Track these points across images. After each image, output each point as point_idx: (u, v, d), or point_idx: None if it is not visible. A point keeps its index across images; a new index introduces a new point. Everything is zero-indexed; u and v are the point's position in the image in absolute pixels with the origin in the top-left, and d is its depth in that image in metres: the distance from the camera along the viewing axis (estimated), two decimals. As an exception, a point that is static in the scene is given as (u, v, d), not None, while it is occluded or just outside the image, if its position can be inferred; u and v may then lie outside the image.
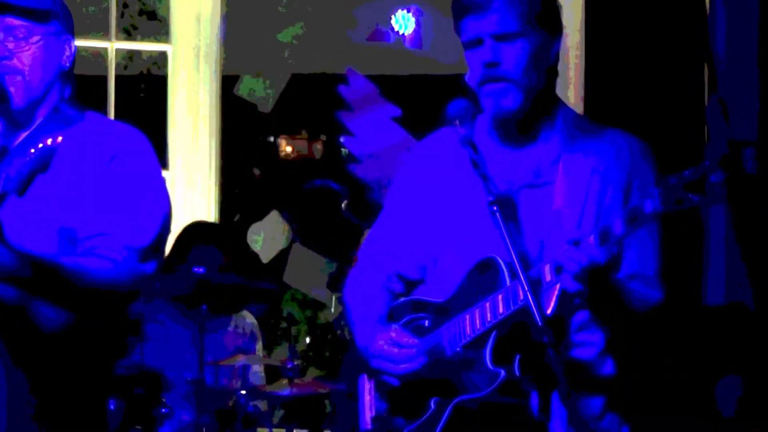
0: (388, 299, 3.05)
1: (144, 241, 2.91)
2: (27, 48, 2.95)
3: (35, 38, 2.96)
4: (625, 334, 2.86)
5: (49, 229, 2.87)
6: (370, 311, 3.03)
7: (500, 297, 2.72)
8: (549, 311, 2.69)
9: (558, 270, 2.62)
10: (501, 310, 2.71)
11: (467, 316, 2.78)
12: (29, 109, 2.97)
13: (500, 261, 2.73)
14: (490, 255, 2.77)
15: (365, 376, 3.03)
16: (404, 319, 2.96)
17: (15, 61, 2.94)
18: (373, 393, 3.01)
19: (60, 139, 2.66)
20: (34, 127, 2.99)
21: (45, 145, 2.66)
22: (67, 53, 3.03)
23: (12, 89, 2.93)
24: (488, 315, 2.73)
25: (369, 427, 2.96)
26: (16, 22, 2.95)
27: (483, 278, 2.79)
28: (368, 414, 2.99)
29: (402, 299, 3.02)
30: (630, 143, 2.87)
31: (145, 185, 2.95)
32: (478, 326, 2.75)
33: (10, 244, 2.76)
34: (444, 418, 2.78)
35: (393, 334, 2.90)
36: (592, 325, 2.82)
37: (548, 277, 2.65)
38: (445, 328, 2.84)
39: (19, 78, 2.94)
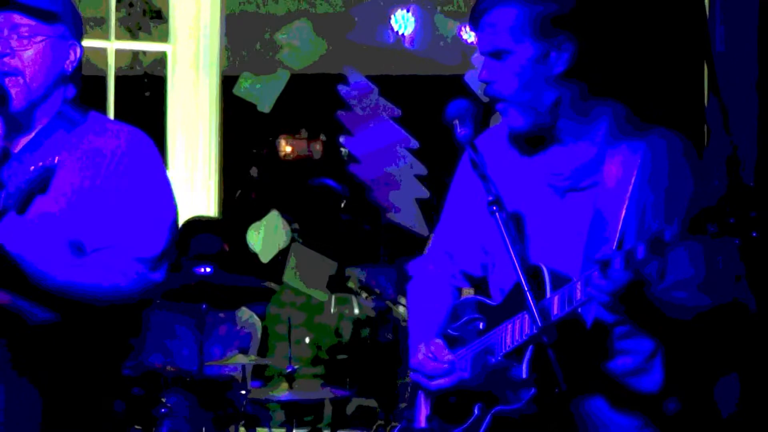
0: (453, 299, 3.09)
1: (155, 251, 2.91)
2: (30, 47, 2.93)
3: (39, 38, 2.94)
4: (671, 344, 2.85)
5: (58, 240, 2.84)
6: (432, 317, 3.08)
7: (527, 315, 2.72)
8: (588, 325, 2.71)
9: (586, 293, 2.62)
10: (527, 329, 2.74)
11: (509, 326, 2.81)
12: (29, 110, 2.95)
13: (545, 270, 2.74)
14: (537, 263, 2.78)
15: None
16: (465, 318, 3.00)
17: (16, 59, 2.92)
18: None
19: (57, 159, 2.65)
20: (36, 130, 2.97)
21: (44, 164, 2.64)
22: (72, 58, 3.00)
23: (12, 91, 2.91)
24: (526, 327, 2.75)
25: (424, 425, 3.01)
26: (22, 19, 2.93)
27: (531, 286, 2.77)
28: (423, 413, 3.03)
29: (465, 297, 3.07)
30: (674, 141, 2.84)
31: (153, 193, 2.94)
32: (516, 337, 2.78)
33: (20, 260, 2.75)
34: (485, 423, 2.82)
35: (432, 348, 2.94)
36: (637, 333, 2.81)
37: (579, 296, 2.65)
38: (490, 335, 2.88)
39: (20, 80, 2.91)
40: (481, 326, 2.94)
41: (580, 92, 2.86)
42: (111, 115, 5.73)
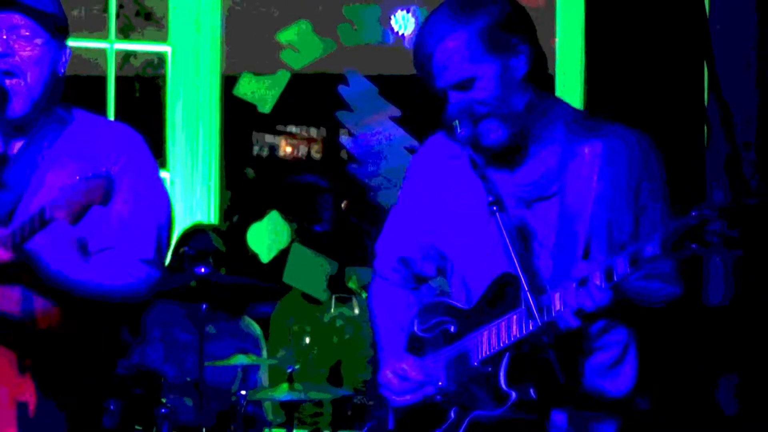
0: (416, 304, 3.06)
1: (156, 251, 2.93)
2: (30, 48, 2.92)
3: (39, 40, 2.93)
4: (647, 334, 2.86)
5: (66, 239, 2.83)
6: (392, 327, 3.06)
7: (515, 317, 2.72)
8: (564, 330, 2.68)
9: (565, 305, 2.62)
10: (515, 331, 2.72)
11: (485, 332, 2.79)
12: (30, 114, 2.93)
13: (520, 276, 2.70)
14: (508, 270, 2.75)
15: None
16: (433, 321, 2.97)
17: (17, 58, 2.90)
18: None
19: (105, 169, 2.64)
20: (31, 131, 2.96)
21: (96, 174, 2.62)
22: (64, 59, 3.00)
23: (13, 93, 2.89)
24: (504, 334, 2.74)
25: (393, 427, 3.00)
26: (23, 20, 2.92)
27: (504, 293, 2.78)
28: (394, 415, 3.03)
29: (432, 300, 3.03)
30: (633, 139, 2.82)
31: (150, 192, 2.95)
32: (494, 344, 2.76)
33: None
34: (462, 428, 2.80)
35: (404, 366, 2.92)
36: (611, 327, 2.81)
37: (557, 307, 2.64)
38: (465, 340, 2.85)
39: (21, 82, 2.90)
40: (452, 329, 2.91)
41: (536, 93, 2.82)
42: (111, 115, 5.72)
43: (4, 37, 2.91)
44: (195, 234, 5.27)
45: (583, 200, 2.77)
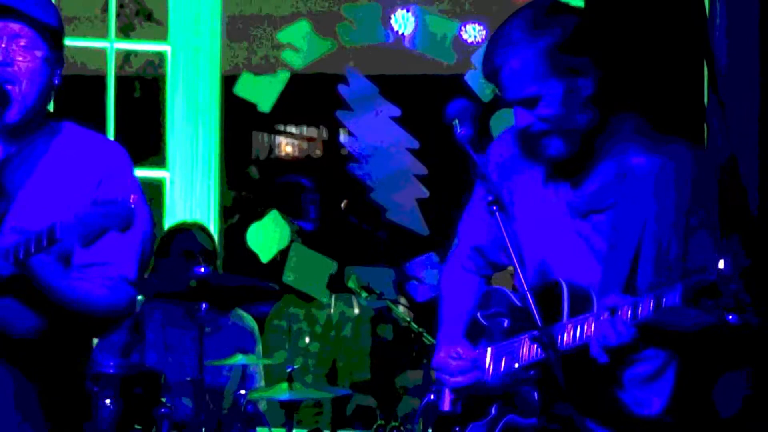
0: (482, 288, 3.13)
1: (137, 271, 2.97)
2: (30, 59, 2.92)
3: (39, 52, 2.94)
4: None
5: (54, 253, 2.84)
6: (456, 311, 3.13)
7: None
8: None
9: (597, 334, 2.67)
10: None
11: (526, 338, 2.83)
12: (21, 121, 2.93)
13: (564, 288, 2.76)
14: (557, 278, 2.80)
15: None
16: (492, 310, 3.03)
17: (16, 68, 2.90)
18: None
19: (133, 198, 2.68)
20: (21, 140, 2.96)
21: (120, 199, 2.66)
22: (59, 71, 3.00)
23: (10, 101, 2.90)
24: (534, 349, 2.80)
25: (448, 408, 3.05)
26: (25, 30, 2.92)
27: (550, 301, 2.79)
28: (448, 396, 3.07)
29: (496, 287, 3.09)
30: (691, 159, 2.80)
31: (132, 210, 2.95)
32: (533, 354, 2.81)
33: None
34: (500, 426, 2.88)
35: (459, 349, 2.99)
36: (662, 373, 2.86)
37: (588, 332, 2.69)
38: (512, 341, 2.90)
39: (16, 89, 2.90)
40: (505, 324, 2.96)
41: (604, 108, 2.85)
42: (110, 115, 5.72)
43: (3, 45, 2.91)
44: (177, 233, 5.26)
45: (636, 216, 2.78)
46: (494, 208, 2.76)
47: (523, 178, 2.97)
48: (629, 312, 2.60)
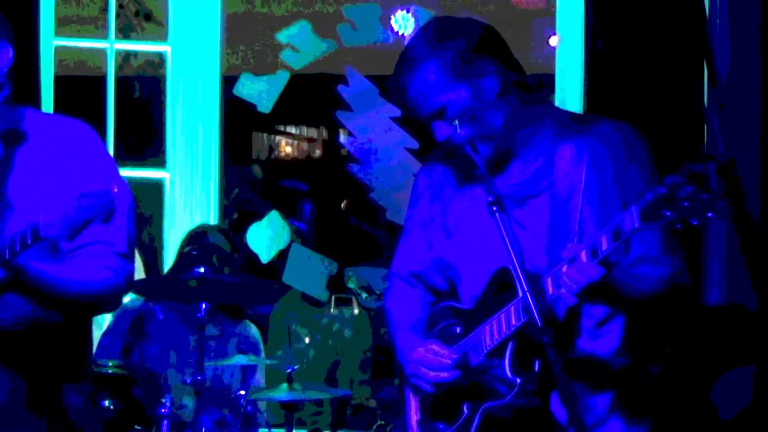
0: (428, 309, 3.15)
1: (128, 243, 2.95)
2: None
3: None
4: (640, 321, 2.93)
5: (43, 245, 2.81)
6: (409, 319, 3.15)
7: (512, 308, 2.80)
8: (560, 318, 2.78)
9: (558, 286, 2.70)
10: (513, 321, 2.79)
11: (487, 327, 2.87)
12: None
13: (513, 270, 2.77)
14: (504, 265, 2.83)
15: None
16: (440, 325, 3.06)
17: None
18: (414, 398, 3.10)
19: (116, 188, 2.65)
20: None
21: (100, 190, 2.64)
22: (6, 59, 2.95)
23: None
24: (503, 326, 2.82)
25: (417, 417, 3.06)
26: None
27: (501, 287, 2.86)
28: (414, 418, 3.08)
29: (438, 305, 3.11)
30: (618, 132, 2.90)
31: (111, 185, 2.93)
32: (495, 336, 2.84)
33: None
34: (476, 421, 2.88)
35: (434, 347, 2.98)
36: (613, 317, 2.89)
37: (551, 290, 2.72)
38: (469, 338, 2.93)
39: None
40: (458, 330, 2.99)
41: (519, 102, 2.90)
42: (110, 115, 5.71)
43: None
44: (197, 235, 5.27)
45: (572, 195, 2.84)
46: (494, 208, 2.78)
47: (459, 195, 3.02)
48: (587, 254, 2.63)
